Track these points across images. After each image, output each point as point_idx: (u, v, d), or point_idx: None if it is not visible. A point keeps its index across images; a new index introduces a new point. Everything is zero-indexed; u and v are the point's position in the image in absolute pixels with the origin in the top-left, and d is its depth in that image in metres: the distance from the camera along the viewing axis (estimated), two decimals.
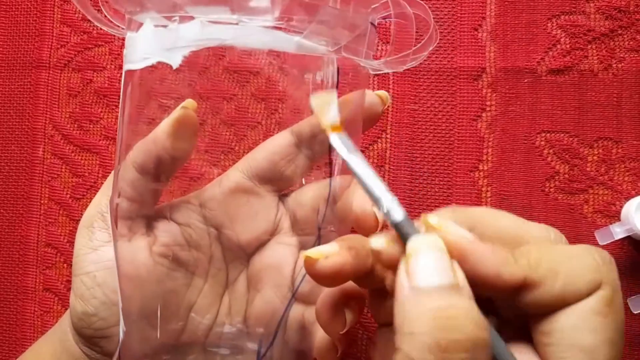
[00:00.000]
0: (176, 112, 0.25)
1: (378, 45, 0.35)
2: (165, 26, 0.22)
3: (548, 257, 0.19)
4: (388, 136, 0.35)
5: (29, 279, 0.38)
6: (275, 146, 0.27)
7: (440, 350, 0.17)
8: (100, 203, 0.27)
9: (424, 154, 0.34)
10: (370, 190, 0.20)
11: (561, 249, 0.20)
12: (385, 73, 0.34)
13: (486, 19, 0.34)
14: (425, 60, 0.35)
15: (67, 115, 0.38)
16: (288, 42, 0.21)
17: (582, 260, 0.19)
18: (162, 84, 0.26)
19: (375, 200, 0.20)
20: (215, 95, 0.30)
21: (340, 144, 0.21)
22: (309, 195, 0.27)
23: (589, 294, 0.19)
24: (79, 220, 0.28)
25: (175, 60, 0.21)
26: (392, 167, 0.35)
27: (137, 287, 0.25)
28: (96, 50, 0.38)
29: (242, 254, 0.27)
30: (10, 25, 0.39)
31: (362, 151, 0.35)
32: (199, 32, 0.21)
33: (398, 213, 0.20)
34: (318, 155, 0.27)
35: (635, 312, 0.31)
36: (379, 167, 0.35)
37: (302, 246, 0.27)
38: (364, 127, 0.28)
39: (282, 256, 0.27)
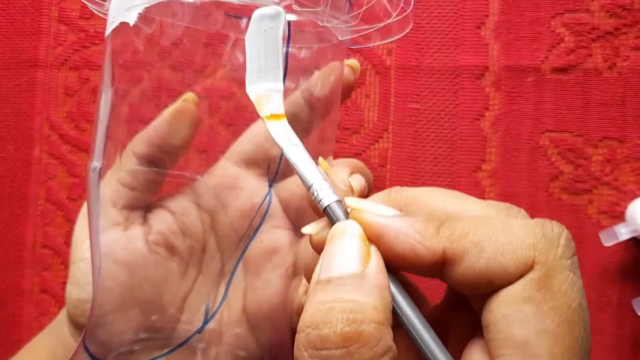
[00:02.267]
0: (176, 104, 0.26)
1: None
2: None
3: (477, 229, 0.17)
4: (390, 135, 0.34)
5: (25, 280, 0.37)
6: (258, 129, 0.27)
7: (311, 347, 0.16)
8: (102, 190, 0.27)
9: (427, 153, 0.34)
10: (303, 175, 0.20)
11: (497, 222, 0.17)
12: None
13: (489, 17, 0.34)
14: (427, 59, 0.34)
15: (64, 115, 0.38)
16: None
17: (516, 234, 0.17)
18: (131, 43, 0.27)
19: (308, 186, 0.19)
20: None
21: (277, 133, 0.20)
22: (297, 181, 0.27)
23: (519, 275, 0.16)
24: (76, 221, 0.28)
25: (132, 18, 0.23)
26: (394, 166, 0.34)
27: (131, 273, 0.25)
28: (93, 49, 0.38)
29: (236, 241, 0.27)
30: (6, 23, 0.39)
31: (364, 150, 0.35)
32: None
33: (327, 198, 0.19)
34: (300, 133, 0.27)
35: None
36: (381, 166, 0.34)
37: (295, 229, 0.27)
38: (341, 99, 0.28)
39: (279, 239, 0.27)
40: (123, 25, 0.23)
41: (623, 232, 0.30)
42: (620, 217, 0.32)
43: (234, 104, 0.29)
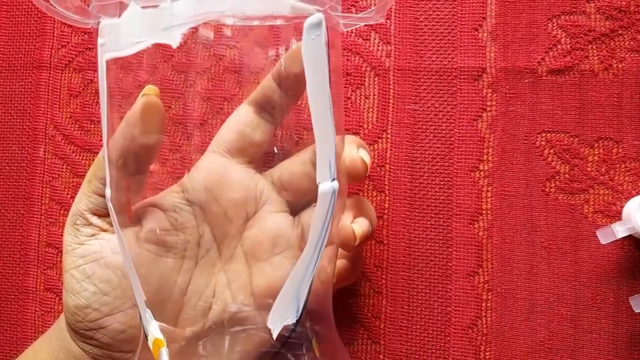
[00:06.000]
0: (139, 101, 0.25)
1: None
2: (155, 6, 0.21)
3: None
4: (388, 136, 0.35)
5: (29, 279, 0.38)
6: (238, 118, 0.28)
7: None
8: (80, 201, 0.28)
9: (425, 154, 0.34)
10: None
11: None
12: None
13: (486, 19, 0.34)
14: (425, 61, 0.35)
15: (68, 116, 0.38)
16: (283, 6, 0.22)
17: None
18: (149, 67, 0.26)
19: None
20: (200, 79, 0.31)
21: None
22: (298, 159, 0.28)
23: None
24: None
25: (175, 39, 0.21)
26: (392, 167, 0.35)
27: (123, 274, 0.25)
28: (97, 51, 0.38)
29: (232, 230, 0.27)
30: (11, 25, 0.39)
31: None
32: (195, 7, 0.21)
33: None
34: (278, 116, 0.28)
35: (637, 311, 0.31)
36: (380, 167, 0.35)
37: (293, 211, 0.28)
38: None
39: (280, 222, 0.27)
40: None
41: (620, 230, 0.31)
42: (616, 216, 0.33)
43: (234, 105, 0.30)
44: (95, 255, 0.27)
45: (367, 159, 0.28)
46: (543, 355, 0.33)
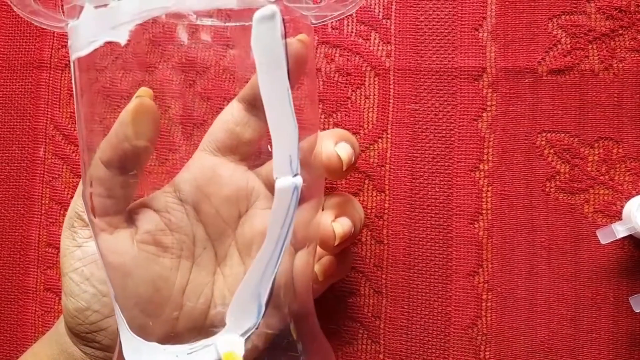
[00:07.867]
0: (132, 102, 0.25)
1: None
2: (105, 5, 0.22)
3: None
4: (389, 136, 0.35)
5: (30, 279, 0.38)
6: (227, 116, 0.28)
7: None
8: (76, 203, 0.28)
9: (425, 153, 0.34)
10: None
11: None
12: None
13: (487, 19, 0.34)
14: (426, 60, 0.35)
15: (68, 116, 0.38)
16: None
17: None
18: (111, 65, 0.26)
19: None
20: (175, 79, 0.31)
21: None
22: None
23: None
24: None
25: (122, 37, 0.21)
26: (392, 167, 0.35)
27: (125, 276, 0.25)
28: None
29: (225, 228, 0.27)
30: (11, 25, 0.39)
31: (363, 151, 0.35)
32: (140, 3, 0.21)
33: None
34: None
35: (637, 311, 0.31)
36: (380, 166, 0.35)
37: None
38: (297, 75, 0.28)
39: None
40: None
41: (620, 230, 0.31)
42: (616, 216, 0.33)
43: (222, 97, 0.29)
44: (93, 257, 0.27)
45: (345, 153, 0.28)
46: (543, 355, 0.33)
